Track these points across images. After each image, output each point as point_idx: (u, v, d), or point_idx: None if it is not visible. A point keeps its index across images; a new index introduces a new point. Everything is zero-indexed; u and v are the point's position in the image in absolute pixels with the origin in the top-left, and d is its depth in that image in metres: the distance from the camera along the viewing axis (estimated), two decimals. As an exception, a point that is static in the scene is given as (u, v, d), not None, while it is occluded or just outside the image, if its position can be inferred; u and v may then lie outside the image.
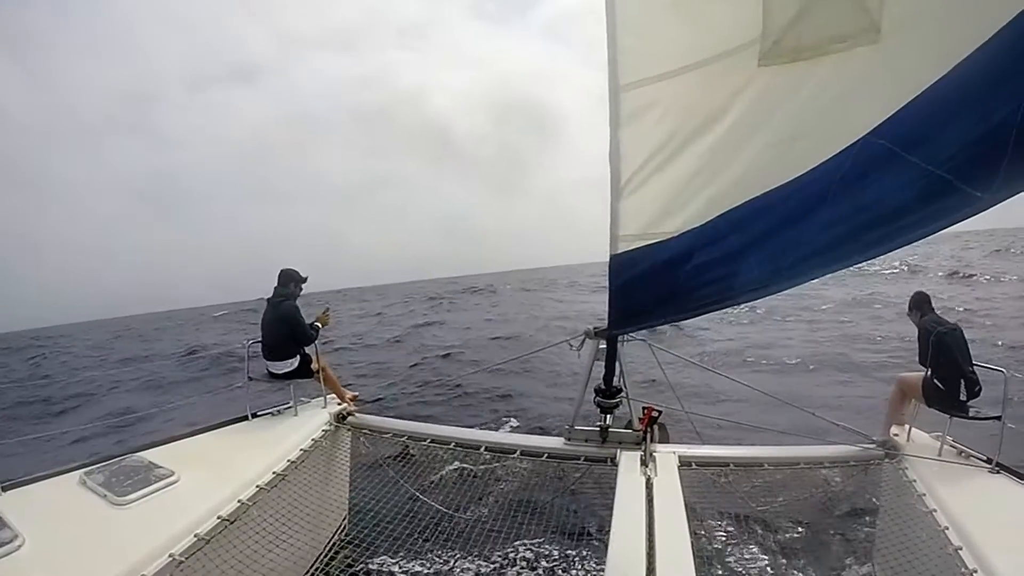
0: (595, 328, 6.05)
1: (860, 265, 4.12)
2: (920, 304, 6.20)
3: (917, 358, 6.03)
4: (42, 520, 4.44)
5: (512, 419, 11.55)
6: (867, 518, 6.73)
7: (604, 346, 6.06)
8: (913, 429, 6.19)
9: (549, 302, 41.64)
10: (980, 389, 5.63)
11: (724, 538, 6.04)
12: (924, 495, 5.24)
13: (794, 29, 3.71)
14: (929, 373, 5.83)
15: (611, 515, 4.49)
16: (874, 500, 6.43)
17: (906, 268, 41.48)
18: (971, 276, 34.13)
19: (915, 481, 5.50)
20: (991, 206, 3.19)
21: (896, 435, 6.28)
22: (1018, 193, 3.12)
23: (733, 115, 4.17)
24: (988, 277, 33.36)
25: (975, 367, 5.67)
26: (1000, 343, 16.27)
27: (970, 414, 5.72)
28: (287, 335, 6.97)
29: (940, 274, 37.17)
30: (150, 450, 5.79)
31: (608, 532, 4.28)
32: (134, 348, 37.95)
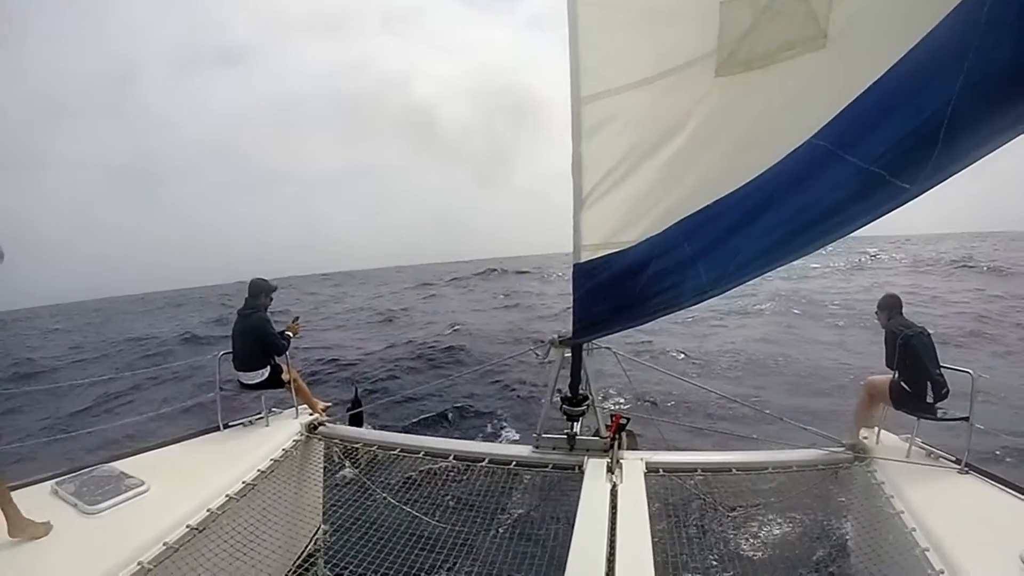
0: (559, 336, 6.08)
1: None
2: (889, 306, 6.19)
3: (884, 361, 6.07)
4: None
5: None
6: (837, 522, 6.75)
7: (569, 354, 6.10)
8: (882, 431, 6.22)
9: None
10: (947, 391, 5.66)
11: (690, 544, 6.05)
12: (892, 497, 5.26)
13: (748, 39, 3.79)
14: (896, 376, 5.87)
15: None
16: (844, 503, 6.46)
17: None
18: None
19: (883, 483, 5.53)
20: (917, 196, 3.31)
21: (865, 438, 6.31)
22: (941, 183, 3.24)
23: (691, 126, 4.24)
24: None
25: (942, 369, 5.71)
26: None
27: (938, 415, 5.77)
28: (258, 346, 6.99)
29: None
30: (121, 460, 5.81)
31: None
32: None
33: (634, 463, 5.67)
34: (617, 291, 5.08)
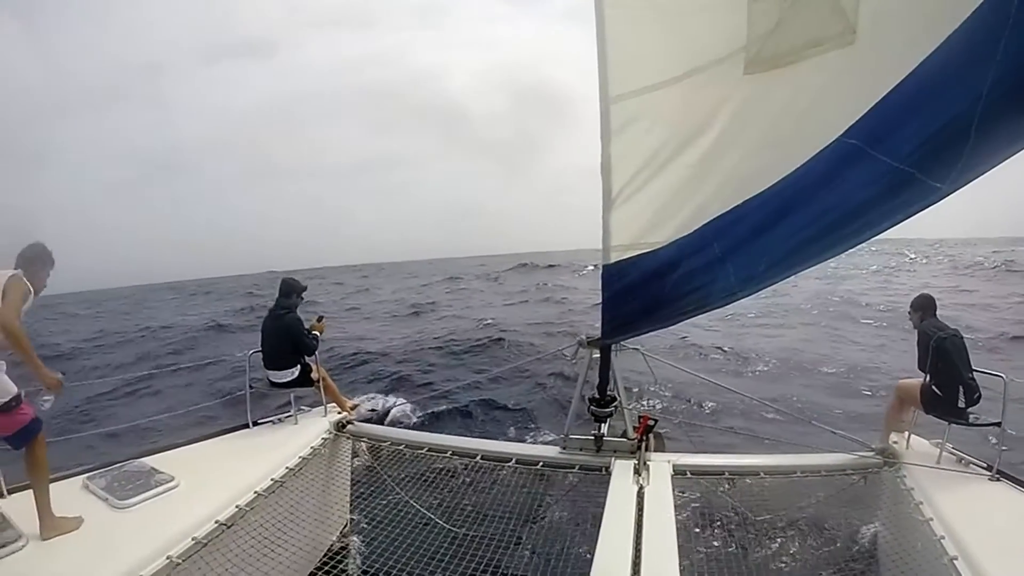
0: (588, 337, 6.07)
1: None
2: (923, 307, 6.09)
3: (916, 364, 5.98)
4: None
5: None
6: (865, 528, 6.64)
7: (598, 355, 6.08)
8: (912, 436, 6.13)
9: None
10: (979, 396, 5.56)
11: (717, 548, 6.00)
12: (921, 503, 5.16)
13: (774, 36, 3.75)
14: (928, 379, 5.78)
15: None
16: (872, 509, 6.37)
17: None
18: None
19: (913, 489, 5.43)
20: (947, 195, 3.26)
21: (895, 442, 6.21)
22: (971, 181, 3.20)
23: (720, 124, 4.21)
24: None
25: (975, 373, 5.60)
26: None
27: (969, 420, 5.68)
28: (289, 346, 7.06)
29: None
30: (152, 456, 5.87)
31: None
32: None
33: (661, 465, 5.63)
34: (646, 292, 5.06)
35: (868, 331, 20.63)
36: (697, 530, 5.83)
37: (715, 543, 6.21)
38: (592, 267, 47.94)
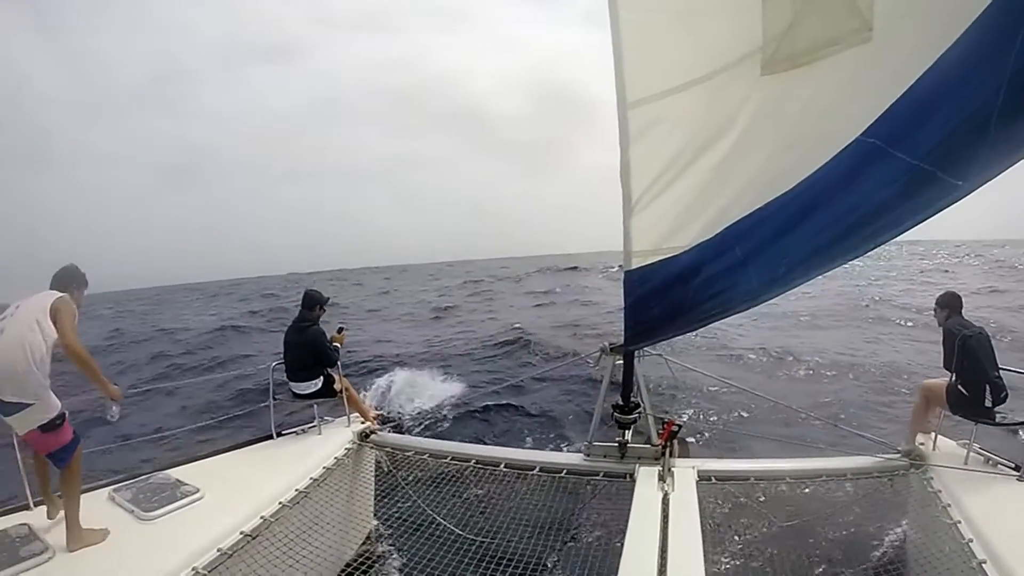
0: (611, 344, 6.05)
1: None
2: (948, 304, 6.00)
3: (941, 362, 5.91)
4: None
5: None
6: (892, 531, 6.54)
7: (621, 362, 6.06)
8: (939, 437, 6.03)
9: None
10: (1007, 395, 5.49)
11: (743, 554, 5.96)
12: (949, 505, 5.09)
13: (790, 36, 3.74)
14: (953, 378, 5.70)
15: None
16: (900, 512, 6.30)
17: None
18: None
19: (940, 491, 5.36)
20: (968, 193, 3.23)
21: (921, 444, 6.12)
22: (993, 178, 3.17)
23: (739, 127, 4.20)
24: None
25: (1001, 372, 5.53)
26: None
27: (996, 420, 5.61)
28: (312, 358, 7.09)
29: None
30: (177, 468, 5.90)
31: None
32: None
33: (686, 471, 5.59)
34: (669, 297, 5.05)
35: (901, 331, 20.45)
36: (722, 536, 5.79)
37: (741, 549, 6.17)
38: (616, 267, 47.70)
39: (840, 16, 3.54)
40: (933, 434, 6.07)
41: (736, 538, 6.28)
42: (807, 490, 5.97)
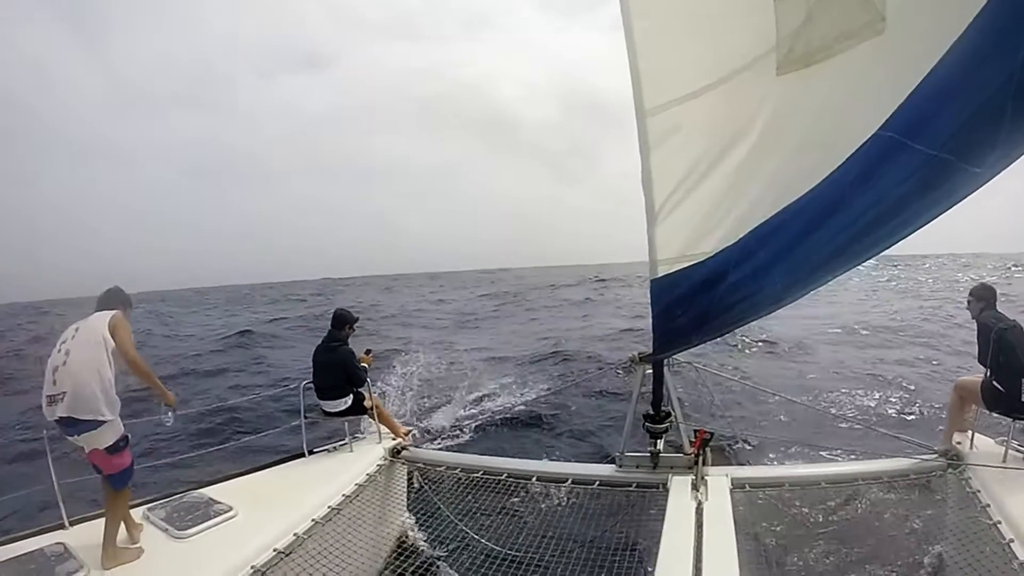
0: (640, 353, 6.02)
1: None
2: (984, 296, 5.86)
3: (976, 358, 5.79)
4: None
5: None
6: (931, 534, 6.39)
7: (651, 371, 6.02)
8: (976, 435, 5.92)
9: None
10: None
11: (778, 563, 5.89)
12: (988, 506, 4.99)
13: (804, 32, 3.72)
14: (988, 374, 5.57)
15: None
16: (938, 514, 6.18)
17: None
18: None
19: (979, 491, 5.26)
20: (987, 181, 3.19)
21: (958, 443, 6.01)
22: (1010, 164, 3.12)
23: (757, 128, 4.19)
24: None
25: None
26: None
27: None
28: (342, 377, 7.16)
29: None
30: (210, 487, 5.95)
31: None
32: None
33: (719, 479, 5.54)
34: (696, 304, 5.02)
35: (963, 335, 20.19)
36: (758, 545, 5.72)
37: (777, 558, 6.09)
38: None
39: (853, 9, 3.52)
40: (970, 432, 5.97)
41: (772, 546, 6.20)
42: (843, 495, 5.88)
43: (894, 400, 12.64)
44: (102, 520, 4.73)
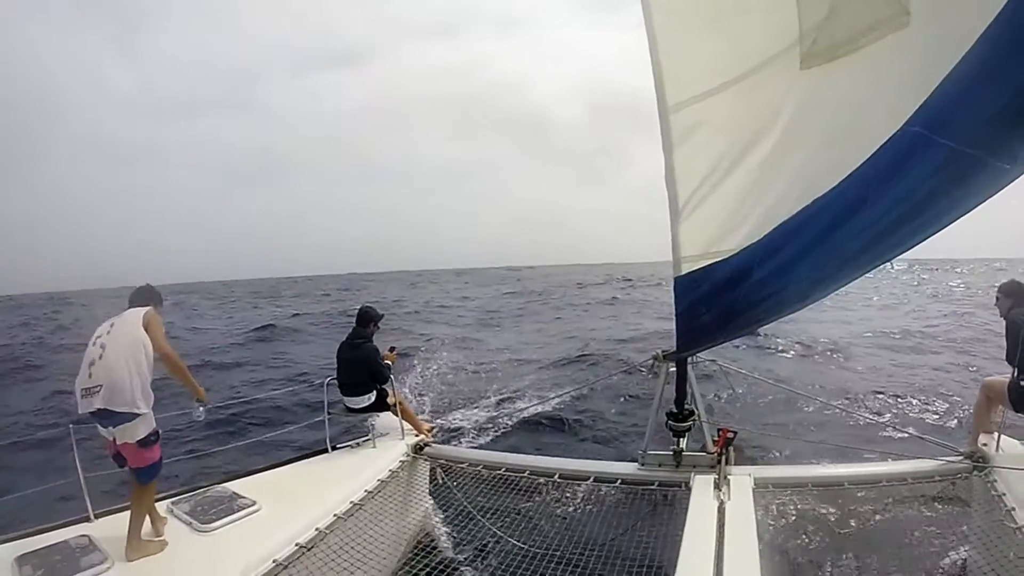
0: (664, 351, 5.99)
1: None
2: (1014, 292, 5.71)
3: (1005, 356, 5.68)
4: None
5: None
6: (956, 538, 6.27)
7: (674, 368, 6.00)
8: (1003, 437, 5.84)
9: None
10: None
11: (801, 565, 5.84)
12: (1014, 509, 4.91)
13: (827, 26, 3.70)
14: (1016, 374, 5.43)
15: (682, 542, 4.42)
16: (963, 517, 6.09)
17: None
18: None
19: (1005, 494, 5.17)
20: (1017, 177, 3.12)
21: (984, 444, 5.89)
22: None
23: (781, 124, 4.17)
24: None
25: None
26: None
27: None
28: (366, 374, 7.21)
29: None
30: (234, 481, 6.00)
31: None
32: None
33: (742, 479, 5.50)
34: (720, 302, 5.00)
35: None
36: (780, 546, 5.68)
37: (799, 559, 6.04)
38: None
39: (877, 3, 3.49)
40: (996, 434, 5.88)
41: (794, 547, 6.15)
42: (866, 496, 5.82)
43: (922, 402, 12.54)
44: (127, 513, 4.80)
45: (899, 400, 12.84)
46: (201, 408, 5.18)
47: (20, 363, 20.71)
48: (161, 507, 5.31)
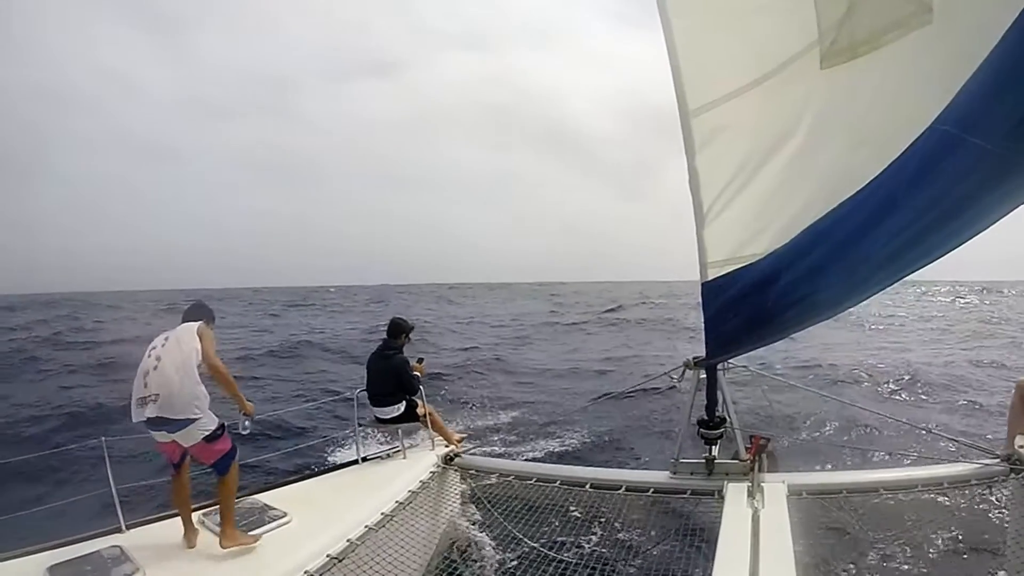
0: (694, 358, 5.96)
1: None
2: None
3: None
4: (161, 556, 4.76)
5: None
6: (993, 543, 6.22)
7: (705, 376, 5.95)
8: None
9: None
10: None
11: (837, 572, 5.74)
12: None
13: (848, 24, 3.65)
14: None
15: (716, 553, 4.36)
16: (1000, 521, 5.99)
17: None
18: None
19: None
20: None
21: (1021, 447, 5.71)
22: None
23: (804, 125, 4.14)
24: None
25: None
26: None
27: None
28: (395, 385, 7.24)
29: None
30: (264, 493, 6.05)
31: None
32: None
33: (776, 486, 5.43)
34: (748, 307, 4.95)
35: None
36: (815, 554, 5.59)
37: (834, 567, 5.94)
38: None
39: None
40: None
41: (829, 555, 6.06)
42: (901, 502, 5.72)
43: (964, 406, 12.40)
44: (158, 524, 5.03)
45: (941, 405, 12.71)
46: (247, 421, 5.29)
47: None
48: (192, 518, 5.37)
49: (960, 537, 6.39)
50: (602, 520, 6.36)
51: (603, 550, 5.85)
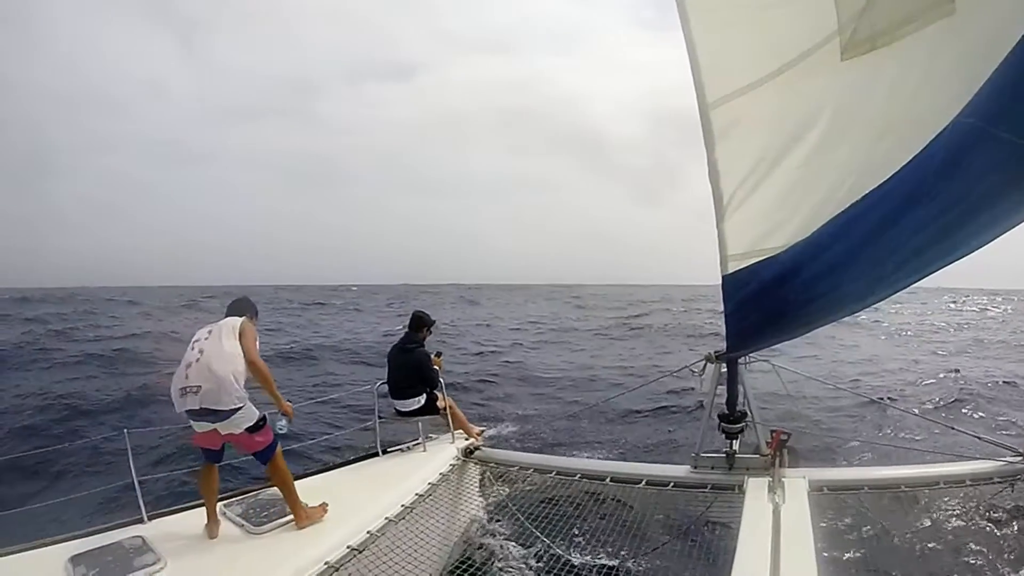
0: (716, 352, 5.93)
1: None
2: None
3: None
4: (183, 546, 4.80)
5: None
6: (1017, 541, 6.18)
7: (726, 370, 5.92)
8: None
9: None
10: None
11: (858, 569, 5.69)
12: None
13: (868, 14, 3.60)
14: None
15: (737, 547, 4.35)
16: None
17: None
18: None
19: None
20: None
21: None
22: None
23: (825, 117, 4.10)
24: None
25: None
26: None
27: None
28: (416, 378, 7.28)
29: None
30: None
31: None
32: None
33: (797, 481, 5.40)
34: (769, 301, 4.93)
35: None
36: (837, 550, 5.55)
37: (856, 564, 5.89)
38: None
39: None
40: None
41: (851, 552, 6.01)
42: (924, 498, 5.68)
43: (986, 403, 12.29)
44: (180, 515, 5.10)
45: (963, 402, 12.59)
46: (284, 420, 5.31)
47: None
48: (216, 509, 5.43)
49: (983, 534, 6.32)
50: (622, 514, 6.33)
51: (623, 544, 5.81)
